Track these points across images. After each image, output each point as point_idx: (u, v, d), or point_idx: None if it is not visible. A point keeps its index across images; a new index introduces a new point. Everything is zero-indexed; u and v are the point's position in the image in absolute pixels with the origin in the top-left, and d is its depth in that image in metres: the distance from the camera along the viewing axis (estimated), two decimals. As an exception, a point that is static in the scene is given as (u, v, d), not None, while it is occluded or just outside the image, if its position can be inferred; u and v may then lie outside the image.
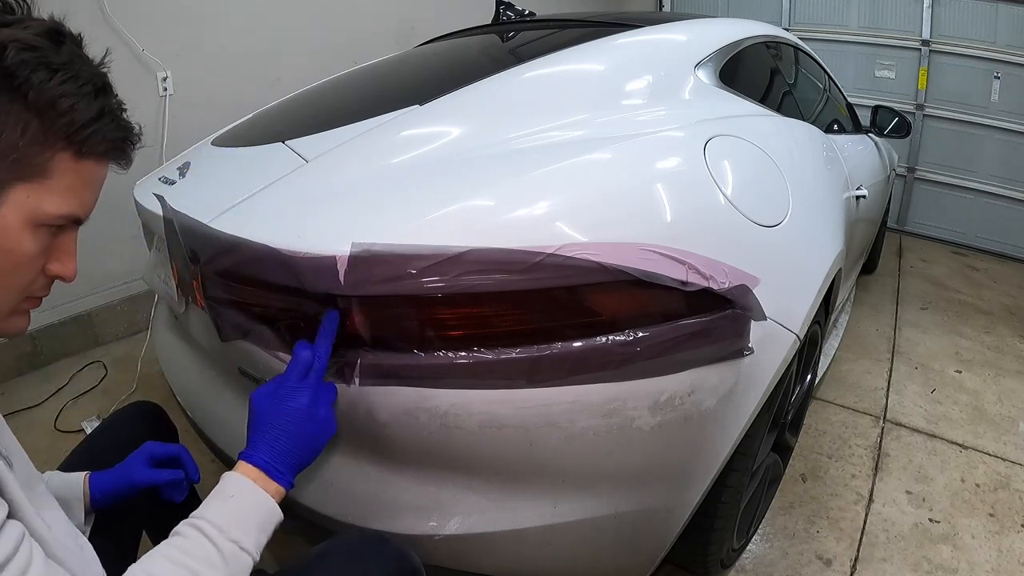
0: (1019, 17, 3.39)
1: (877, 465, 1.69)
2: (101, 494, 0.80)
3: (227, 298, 0.84)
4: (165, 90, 2.17)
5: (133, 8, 2.02)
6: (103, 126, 0.54)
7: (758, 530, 1.42)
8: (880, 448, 1.76)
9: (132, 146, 0.59)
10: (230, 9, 2.35)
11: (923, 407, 1.98)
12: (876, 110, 2.49)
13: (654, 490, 0.88)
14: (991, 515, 1.51)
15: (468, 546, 0.81)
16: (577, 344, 0.75)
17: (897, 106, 2.86)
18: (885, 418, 1.92)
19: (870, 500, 1.55)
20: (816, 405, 1.95)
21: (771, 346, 0.93)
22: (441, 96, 1.04)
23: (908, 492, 1.58)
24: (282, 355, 0.78)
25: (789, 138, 1.30)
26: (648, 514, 0.90)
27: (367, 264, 0.70)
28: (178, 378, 1.13)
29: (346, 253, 0.71)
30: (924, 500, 1.56)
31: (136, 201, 1.10)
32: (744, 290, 0.85)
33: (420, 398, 0.74)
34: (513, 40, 1.58)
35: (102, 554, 0.62)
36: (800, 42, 2.02)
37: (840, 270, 1.29)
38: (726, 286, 0.83)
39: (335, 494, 0.83)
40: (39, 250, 0.54)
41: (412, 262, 0.70)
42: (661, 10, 4.79)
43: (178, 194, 0.98)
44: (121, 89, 0.58)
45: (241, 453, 0.68)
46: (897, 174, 3.41)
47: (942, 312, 2.76)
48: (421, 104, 1.02)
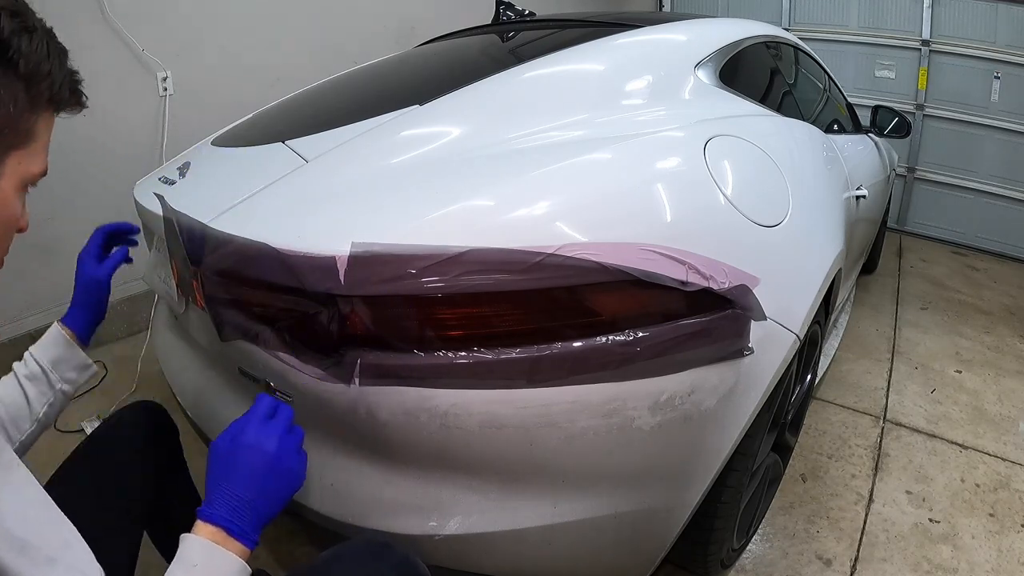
0: (1019, 17, 3.39)
1: (877, 465, 1.69)
2: (83, 323, 0.89)
3: (227, 298, 0.84)
4: (165, 90, 2.17)
5: (133, 8, 2.02)
6: (67, 77, 0.56)
7: (758, 530, 1.42)
8: (880, 448, 1.76)
9: (80, 88, 0.60)
10: (230, 9, 2.35)
11: (923, 407, 1.98)
12: (876, 110, 2.50)
13: (654, 490, 0.88)
14: (991, 515, 1.51)
15: (468, 546, 0.81)
16: (577, 344, 0.75)
17: (897, 106, 2.86)
18: (885, 418, 1.92)
19: (870, 500, 1.55)
20: (816, 405, 1.95)
21: (771, 346, 0.93)
22: (441, 96, 1.04)
23: (908, 492, 1.58)
24: (282, 355, 0.78)
25: (789, 138, 1.30)
26: (648, 514, 0.90)
27: (367, 264, 0.70)
28: (178, 378, 1.13)
29: (346, 253, 0.71)
30: (924, 500, 1.56)
31: (136, 201, 1.10)
32: (744, 290, 0.85)
33: (420, 398, 0.74)
34: (513, 40, 1.58)
35: (103, 555, 0.61)
36: (800, 42, 2.02)
37: (840, 270, 1.29)
38: (726, 286, 0.83)
39: (335, 494, 0.83)
40: (22, 209, 0.56)
41: (412, 262, 0.70)
42: (661, 10, 4.79)
43: (178, 194, 0.98)
44: (121, 89, 0.59)
45: (199, 509, 0.63)
46: (897, 174, 3.41)
47: (942, 312, 2.76)
48: (421, 104, 1.02)
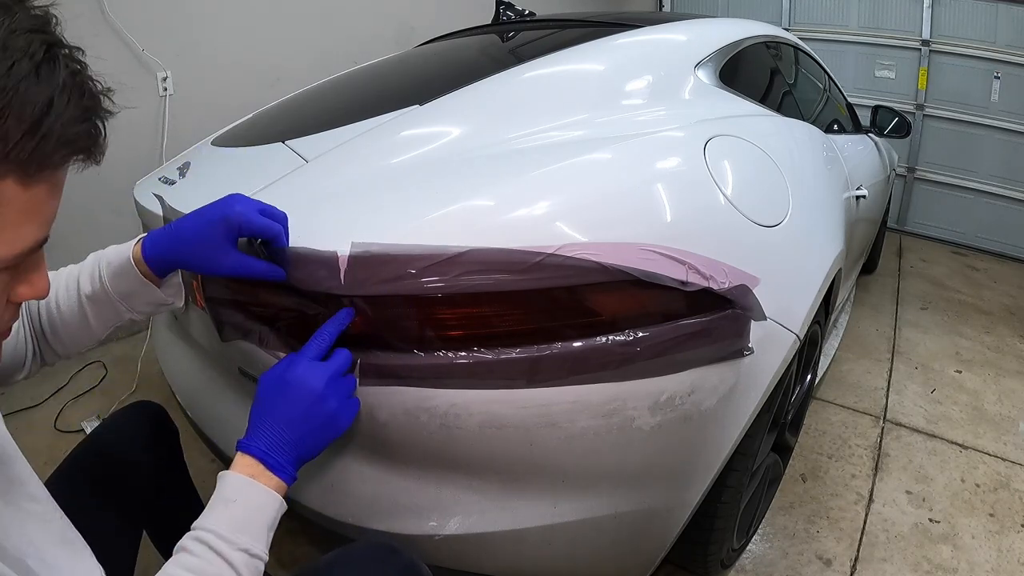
0: (1019, 17, 3.39)
1: (877, 465, 1.69)
2: (163, 266, 0.71)
3: (227, 298, 0.84)
4: (165, 90, 2.17)
5: (133, 8, 2.02)
6: (55, 122, 0.38)
7: (758, 530, 1.42)
8: (880, 448, 1.76)
9: (101, 132, 0.43)
10: (230, 10, 2.35)
11: (923, 407, 1.98)
12: (876, 110, 2.50)
13: (654, 490, 0.88)
14: (991, 515, 1.51)
15: (468, 546, 0.81)
16: (577, 344, 0.75)
17: (897, 106, 2.86)
18: (885, 418, 1.92)
19: (870, 500, 1.55)
20: (816, 405, 1.95)
21: (771, 346, 0.93)
22: (441, 96, 1.04)
23: (908, 492, 1.58)
24: (282, 355, 0.78)
25: (789, 138, 1.30)
26: (648, 514, 0.90)
27: (367, 264, 0.70)
28: (178, 378, 1.13)
29: (346, 253, 0.71)
30: (924, 500, 1.56)
31: (136, 201, 1.10)
32: (744, 290, 0.85)
33: (420, 398, 0.74)
34: (513, 40, 1.58)
35: (103, 555, 0.61)
36: (800, 42, 2.02)
37: (840, 270, 1.29)
38: (726, 286, 0.83)
39: (335, 494, 0.83)
40: (2, 291, 0.43)
41: (412, 262, 0.70)
42: (661, 10, 4.79)
43: (178, 194, 0.98)
44: (121, 89, 0.47)
45: (239, 441, 0.65)
46: (897, 174, 3.41)
47: (942, 312, 2.76)
48: (421, 104, 1.02)
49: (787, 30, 2.31)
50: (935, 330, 2.56)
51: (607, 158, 0.89)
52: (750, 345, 0.87)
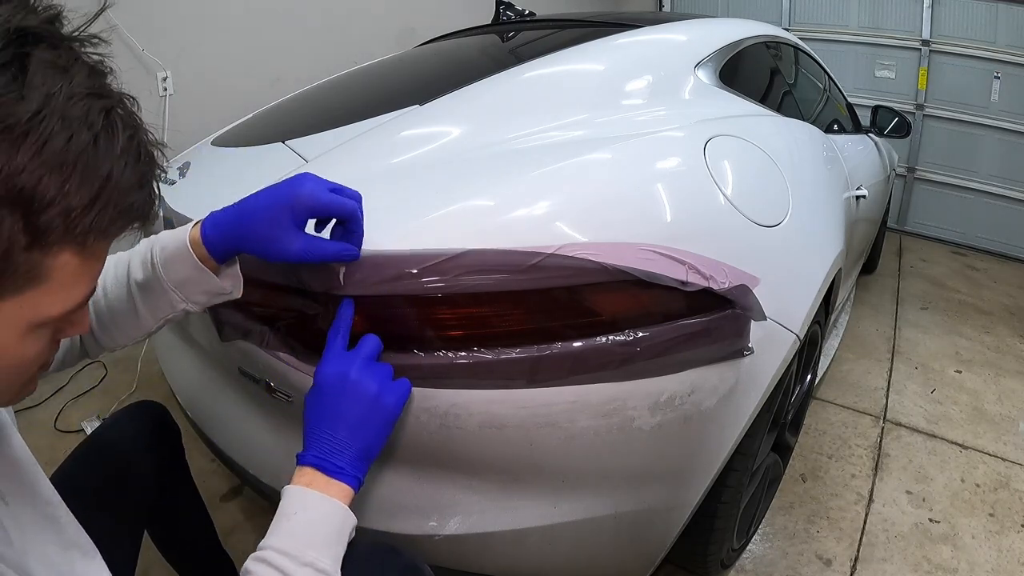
0: (1019, 17, 3.39)
1: (877, 465, 1.69)
2: (225, 250, 0.66)
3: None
4: (165, 90, 2.17)
5: (133, 8, 2.02)
6: (114, 193, 0.38)
7: (758, 530, 1.42)
8: (880, 448, 1.76)
9: (155, 195, 0.43)
10: (230, 9, 2.35)
11: (923, 407, 1.98)
12: (876, 110, 2.50)
13: (654, 490, 0.88)
14: (991, 515, 1.51)
15: (468, 546, 0.81)
16: (577, 344, 0.75)
17: (897, 106, 2.86)
18: (885, 418, 1.92)
19: (870, 500, 1.55)
20: (816, 405, 1.95)
21: (771, 346, 0.93)
22: (441, 96, 1.04)
23: (908, 492, 1.59)
24: (282, 355, 0.78)
25: (789, 138, 1.30)
26: (648, 514, 0.90)
27: (367, 264, 0.70)
28: (178, 378, 1.13)
29: (346, 253, 0.71)
30: (924, 500, 1.56)
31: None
32: (744, 290, 0.85)
33: (420, 398, 0.74)
34: (513, 40, 1.58)
35: (104, 555, 0.61)
36: (800, 42, 2.02)
37: (840, 270, 1.29)
38: (726, 286, 0.83)
39: (335, 494, 0.83)
40: (45, 342, 0.43)
41: (412, 262, 0.70)
42: (661, 10, 4.79)
43: (178, 194, 0.98)
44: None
45: (298, 455, 0.63)
46: (897, 174, 3.41)
47: (942, 312, 2.76)
48: (421, 104, 1.02)
49: (787, 30, 2.31)
50: (935, 330, 2.56)
51: (607, 158, 0.89)
52: (750, 345, 0.87)
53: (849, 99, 2.48)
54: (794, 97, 1.70)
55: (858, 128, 2.36)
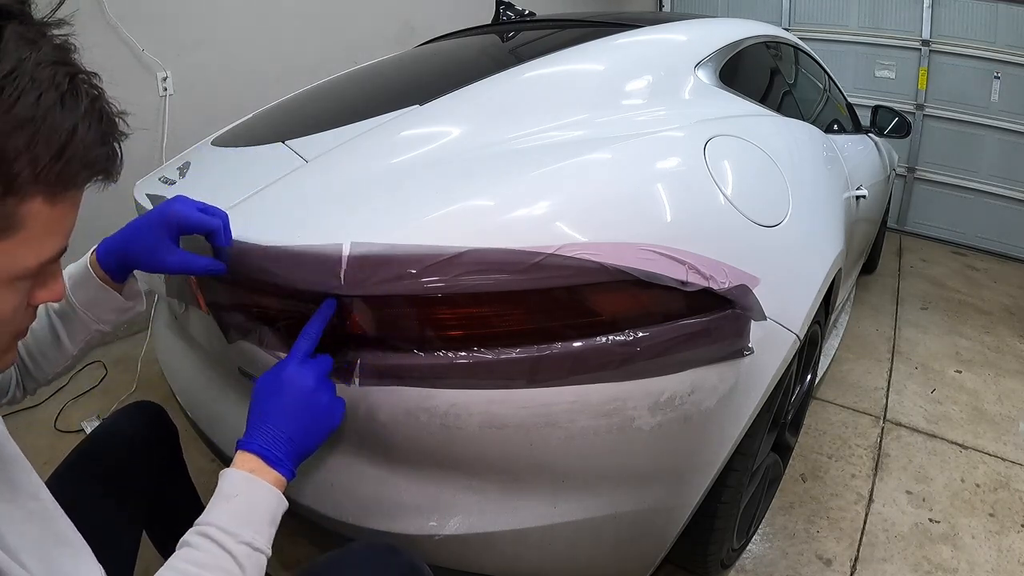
0: (1019, 17, 3.39)
1: (877, 465, 1.69)
2: (120, 269, 0.74)
3: (229, 301, 0.84)
4: (165, 90, 2.17)
5: (133, 8, 2.02)
6: (79, 146, 0.43)
7: (758, 530, 1.42)
8: (880, 448, 1.76)
9: (118, 155, 0.47)
10: (230, 9, 2.35)
11: (923, 407, 1.98)
12: (876, 110, 2.50)
13: (654, 490, 0.88)
14: (991, 515, 1.51)
15: (468, 546, 0.81)
16: (577, 344, 0.75)
17: (897, 106, 2.86)
18: (885, 418, 1.92)
19: (870, 500, 1.55)
20: (816, 405, 1.95)
21: (771, 346, 0.93)
22: (441, 96, 1.04)
23: (908, 492, 1.59)
24: (282, 355, 0.78)
25: (789, 138, 1.30)
26: (648, 514, 0.90)
27: (367, 264, 0.70)
28: (178, 378, 1.13)
29: (346, 253, 0.71)
30: (924, 500, 1.56)
31: (136, 201, 1.10)
32: (744, 290, 0.85)
33: (420, 398, 0.74)
34: (513, 40, 1.58)
35: (103, 555, 0.61)
36: (800, 42, 2.02)
37: (840, 270, 1.29)
38: (726, 286, 0.83)
39: (335, 494, 0.83)
40: (20, 299, 0.47)
41: (412, 262, 0.70)
42: (661, 10, 4.79)
43: (178, 194, 0.98)
44: (121, 89, 0.49)
45: (238, 441, 0.66)
46: (897, 174, 3.40)
47: (942, 312, 2.76)
48: (421, 104, 1.02)
49: (787, 30, 2.31)
50: (935, 330, 2.56)
51: (607, 158, 0.89)
52: (750, 345, 0.87)
53: (849, 99, 2.48)
54: (794, 97, 1.70)
55: (858, 128, 2.36)
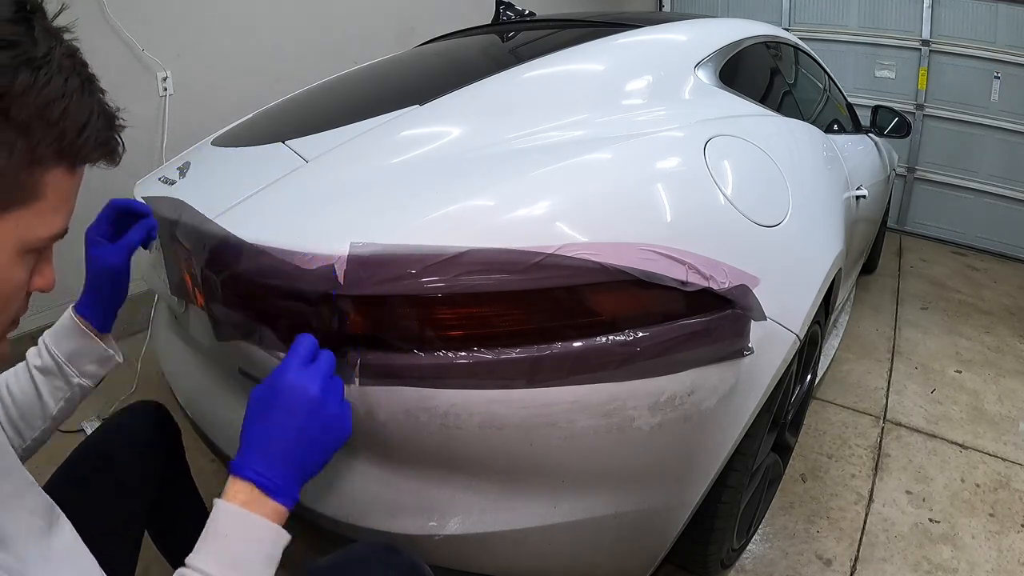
0: (1019, 17, 3.39)
1: (877, 465, 1.69)
2: (99, 311, 0.80)
3: (226, 298, 0.84)
4: (165, 90, 2.17)
5: (133, 8, 2.02)
6: (95, 128, 0.48)
7: (758, 530, 1.42)
8: (880, 448, 1.76)
9: (120, 141, 0.52)
10: (230, 9, 2.35)
11: (923, 407, 1.98)
12: (876, 110, 2.50)
13: (654, 490, 0.88)
14: (991, 515, 1.51)
15: (468, 546, 0.81)
16: (577, 344, 0.75)
17: (897, 106, 2.86)
18: (885, 418, 1.92)
19: (870, 500, 1.55)
20: (816, 405, 1.95)
21: (771, 346, 0.93)
22: (441, 96, 1.04)
23: (908, 492, 1.58)
24: (281, 355, 0.78)
25: (789, 138, 1.30)
26: (648, 514, 0.90)
27: (366, 264, 0.70)
28: (178, 378, 1.13)
29: (346, 253, 0.71)
30: (924, 500, 1.56)
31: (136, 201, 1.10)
32: (744, 290, 0.85)
33: (420, 398, 0.74)
34: (513, 40, 1.58)
35: (103, 555, 0.61)
36: (800, 42, 2.02)
37: (840, 270, 1.29)
38: (726, 286, 0.83)
39: (335, 494, 0.83)
40: (25, 275, 0.49)
41: (412, 262, 0.70)
42: (661, 10, 4.79)
43: (178, 194, 0.98)
44: (121, 89, 0.53)
45: (230, 463, 0.58)
46: (897, 174, 3.40)
47: (942, 312, 2.76)
48: (421, 104, 1.02)
49: (787, 30, 2.31)
50: (935, 330, 2.56)
51: (607, 158, 0.89)
52: (750, 345, 0.87)
53: (849, 99, 2.48)
54: (794, 97, 1.70)
55: (858, 128, 2.36)
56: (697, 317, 0.81)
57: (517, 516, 0.81)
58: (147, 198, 1.04)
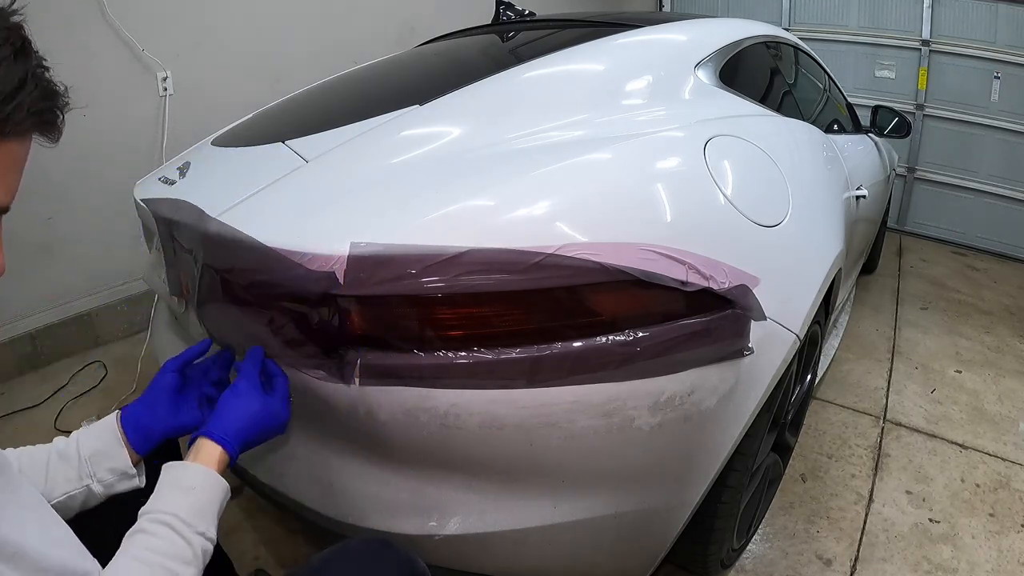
0: (1019, 17, 3.39)
1: (877, 465, 1.69)
2: (134, 426, 0.76)
3: (226, 298, 0.84)
4: (165, 90, 2.17)
5: (133, 8, 2.02)
6: (26, 96, 0.46)
7: (758, 530, 1.42)
8: (880, 448, 1.76)
9: (60, 115, 0.51)
10: (230, 9, 2.35)
11: (923, 407, 1.98)
12: (876, 110, 2.49)
13: (654, 490, 0.88)
14: (991, 515, 1.51)
15: (468, 546, 0.81)
16: (577, 344, 0.75)
17: (897, 106, 2.85)
18: (885, 418, 1.92)
19: (870, 500, 1.55)
20: (816, 405, 1.95)
21: (771, 346, 0.93)
22: (441, 96, 1.04)
23: (908, 492, 1.58)
24: (281, 355, 0.78)
25: (789, 138, 1.30)
26: (648, 514, 0.90)
27: (367, 264, 0.70)
28: (178, 378, 1.13)
29: (346, 253, 0.71)
30: (924, 500, 1.56)
31: (136, 201, 1.10)
32: (744, 290, 0.85)
33: (420, 398, 0.74)
34: (513, 40, 1.58)
35: (103, 554, 0.61)
36: (800, 42, 2.02)
37: (840, 270, 1.29)
38: (726, 286, 0.83)
39: (335, 494, 0.83)
40: None
41: (412, 262, 0.70)
42: (661, 10, 4.79)
43: (178, 194, 0.98)
44: (121, 89, 0.53)
45: (201, 431, 0.70)
46: (897, 174, 3.40)
47: (942, 312, 2.76)
48: (421, 104, 1.02)
49: (787, 30, 2.31)
50: (935, 330, 2.56)
51: (607, 158, 0.89)
52: (750, 345, 0.87)
53: (849, 99, 2.48)
54: (794, 97, 1.70)
55: (858, 128, 2.36)
56: (697, 317, 0.81)
57: (517, 516, 0.81)
58: (147, 198, 1.05)
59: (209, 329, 0.88)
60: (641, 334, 0.77)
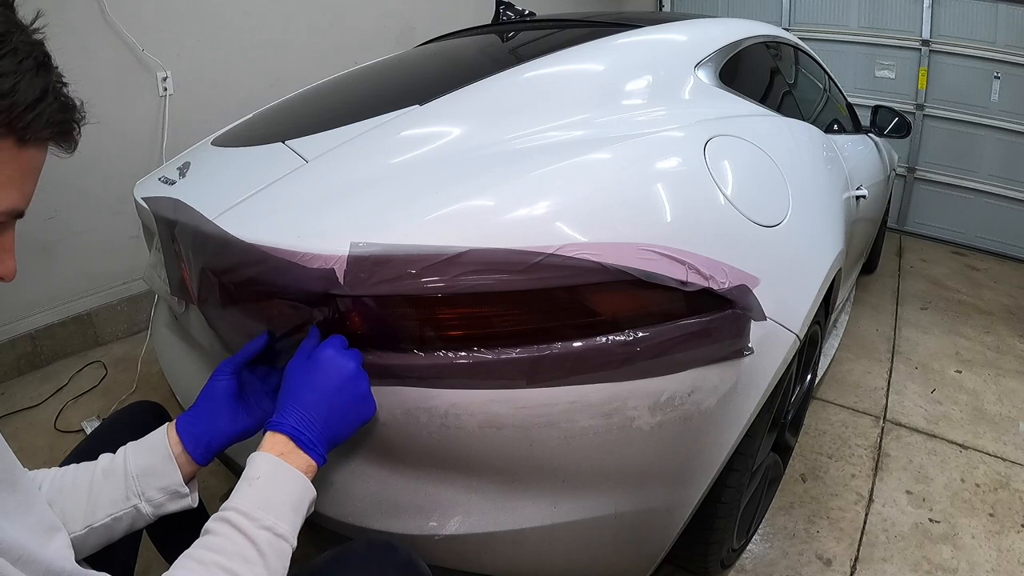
0: (1019, 17, 3.39)
1: (877, 465, 1.69)
2: (190, 434, 0.71)
3: (227, 299, 0.84)
4: (165, 90, 2.18)
5: (133, 8, 2.02)
6: (47, 107, 0.49)
7: (758, 530, 1.42)
8: (880, 448, 1.76)
9: (77, 127, 0.53)
10: (230, 9, 2.35)
11: (923, 407, 1.98)
12: (876, 110, 2.49)
13: (654, 490, 0.88)
14: (991, 515, 1.51)
15: (468, 546, 0.81)
16: (577, 344, 0.75)
17: (897, 106, 2.86)
18: (885, 418, 1.92)
19: (870, 500, 1.55)
20: (816, 405, 1.95)
21: (771, 346, 0.93)
22: (441, 96, 1.04)
23: (908, 492, 1.59)
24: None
25: (789, 138, 1.30)
26: (648, 514, 0.90)
27: (367, 264, 0.70)
28: (178, 378, 1.13)
29: (345, 253, 0.71)
30: (924, 500, 1.56)
31: (136, 201, 1.10)
32: (744, 290, 0.85)
33: (420, 398, 0.74)
34: (513, 40, 1.58)
35: (103, 554, 0.61)
36: (800, 42, 2.02)
37: (840, 270, 1.29)
38: (726, 286, 0.83)
39: (335, 494, 0.83)
40: None
41: (412, 262, 0.70)
42: (661, 10, 4.79)
43: (178, 194, 0.98)
44: (121, 89, 0.55)
45: (269, 422, 0.65)
46: (897, 174, 3.40)
47: (942, 312, 2.76)
48: (421, 104, 1.02)
49: (787, 30, 2.31)
50: (935, 330, 2.56)
51: (607, 158, 0.89)
52: (750, 345, 0.87)
53: (849, 99, 2.48)
54: (794, 97, 1.70)
55: (858, 128, 2.36)
56: (697, 317, 0.81)
57: (517, 516, 0.81)
58: (147, 198, 1.05)
59: (213, 328, 0.88)
60: (641, 334, 0.77)
